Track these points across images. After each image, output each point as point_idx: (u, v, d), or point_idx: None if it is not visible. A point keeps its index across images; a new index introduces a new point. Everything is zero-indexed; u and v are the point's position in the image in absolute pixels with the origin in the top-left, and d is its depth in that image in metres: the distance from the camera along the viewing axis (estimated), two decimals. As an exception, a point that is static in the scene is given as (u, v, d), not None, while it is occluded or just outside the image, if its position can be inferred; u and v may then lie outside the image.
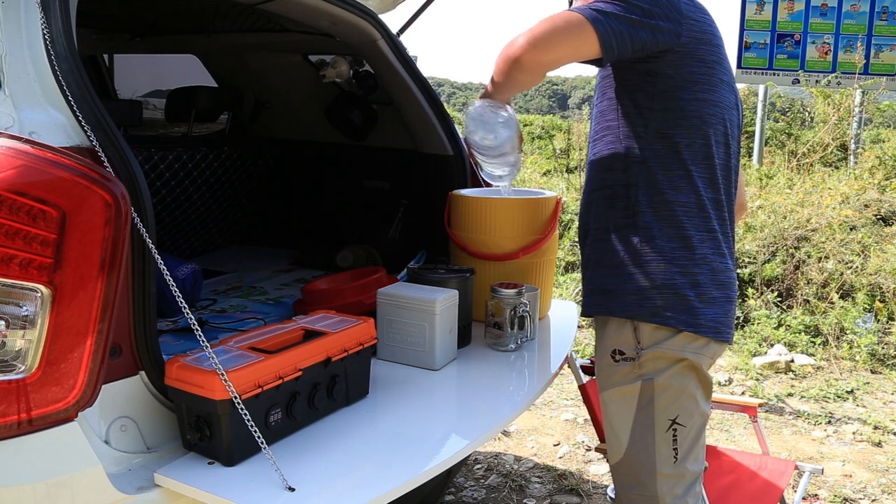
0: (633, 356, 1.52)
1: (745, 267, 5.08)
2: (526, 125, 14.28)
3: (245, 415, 1.31)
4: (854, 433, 3.49)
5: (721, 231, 1.55)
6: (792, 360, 4.31)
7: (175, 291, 1.32)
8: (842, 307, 4.70)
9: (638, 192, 1.51)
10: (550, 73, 1.58)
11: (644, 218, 1.51)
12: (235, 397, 1.31)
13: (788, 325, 4.68)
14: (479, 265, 2.17)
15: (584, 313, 1.65)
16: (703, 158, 1.52)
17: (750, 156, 7.93)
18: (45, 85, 1.35)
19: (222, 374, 1.31)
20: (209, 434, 1.36)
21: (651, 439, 1.53)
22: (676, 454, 1.52)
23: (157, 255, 1.34)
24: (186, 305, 1.34)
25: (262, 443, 1.32)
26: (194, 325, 1.33)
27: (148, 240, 1.33)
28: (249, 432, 1.32)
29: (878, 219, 5.60)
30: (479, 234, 2.19)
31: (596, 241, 1.59)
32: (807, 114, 8.44)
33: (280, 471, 1.30)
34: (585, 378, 2.31)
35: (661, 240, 1.49)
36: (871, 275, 4.87)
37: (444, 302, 1.87)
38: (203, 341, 1.34)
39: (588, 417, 2.50)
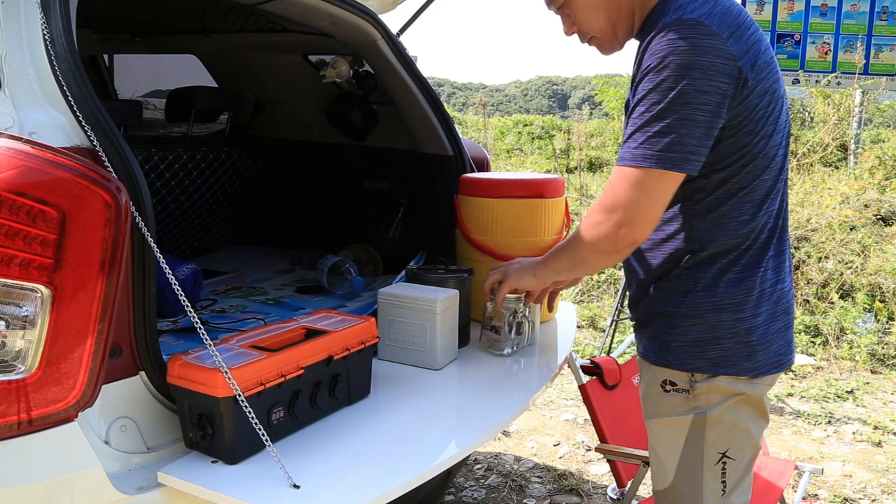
0: (686, 388, 1.46)
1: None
2: (526, 125, 14.29)
3: (249, 412, 1.31)
4: (854, 433, 3.49)
5: (779, 254, 1.47)
6: (792, 360, 4.31)
7: (178, 292, 1.32)
8: (842, 307, 4.70)
9: (696, 244, 1.43)
10: (550, 74, 1.55)
11: (702, 269, 1.43)
12: (238, 394, 1.31)
13: (788, 325, 4.68)
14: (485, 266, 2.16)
15: (640, 354, 1.57)
16: (766, 194, 1.42)
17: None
18: (45, 85, 1.35)
19: (225, 372, 1.31)
20: (211, 432, 1.36)
21: (699, 472, 1.48)
22: (724, 487, 1.48)
23: (159, 255, 1.34)
24: (189, 304, 1.34)
25: (266, 440, 1.32)
26: (197, 323, 1.33)
27: (149, 239, 1.33)
28: (252, 430, 1.32)
29: (878, 219, 5.61)
30: (504, 237, 2.18)
31: (647, 290, 1.52)
32: (807, 114, 8.44)
33: (285, 468, 1.30)
34: (585, 378, 2.31)
35: (719, 287, 1.42)
36: (871, 275, 4.87)
37: (444, 302, 1.87)
38: (206, 338, 1.34)
39: (588, 417, 2.49)
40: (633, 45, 1.50)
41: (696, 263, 1.43)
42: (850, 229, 5.34)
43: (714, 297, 1.42)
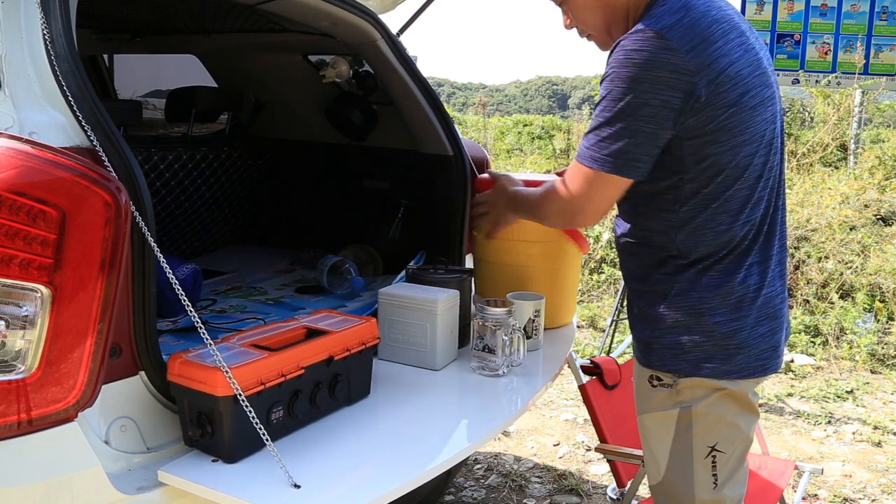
0: (670, 383, 1.49)
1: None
2: (526, 125, 14.27)
3: (249, 411, 1.31)
4: (854, 433, 3.49)
5: (765, 259, 1.48)
6: (792, 360, 4.32)
7: (179, 292, 1.32)
8: (842, 307, 4.70)
9: (675, 251, 1.45)
10: (550, 74, 1.57)
11: (680, 274, 1.45)
12: (239, 393, 1.31)
13: (788, 325, 4.68)
14: (499, 267, 2.14)
15: (633, 353, 1.62)
16: (744, 204, 1.44)
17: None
18: (44, 85, 1.35)
19: (226, 371, 1.31)
20: (211, 430, 1.36)
21: (690, 465, 1.50)
22: (716, 480, 1.49)
23: (159, 255, 1.34)
24: (189, 304, 1.34)
25: (266, 439, 1.32)
26: (197, 323, 1.33)
27: (150, 239, 1.33)
28: (251, 429, 1.32)
29: (877, 219, 5.61)
30: (524, 237, 2.15)
31: (633, 291, 1.56)
32: (807, 114, 8.45)
33: (285, 468, 1.30)
34: (585, 378, 2.31)
35: (695, 291, 1.44)
36: (870, 275, 4.87)
37: (445, 302, 1.87)
38: (206, 337, 1.34)
39: (588, 417, 2.50)
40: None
41: (675, 269, 1.46)
42: (850, 229, 5.34)
43: (690, 301, 1.45)
